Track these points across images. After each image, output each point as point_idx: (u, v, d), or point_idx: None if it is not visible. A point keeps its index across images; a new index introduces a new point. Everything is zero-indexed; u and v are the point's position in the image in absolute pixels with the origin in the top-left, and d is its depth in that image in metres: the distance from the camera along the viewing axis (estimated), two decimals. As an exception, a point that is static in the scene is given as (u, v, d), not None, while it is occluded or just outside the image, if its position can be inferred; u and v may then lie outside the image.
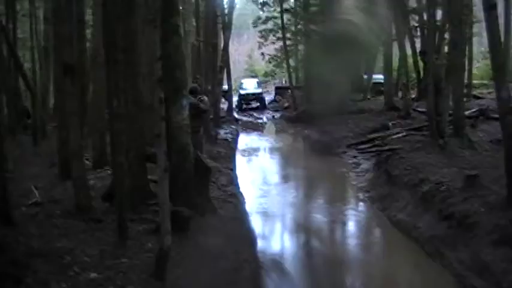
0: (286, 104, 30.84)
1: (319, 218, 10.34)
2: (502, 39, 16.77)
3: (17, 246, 5.11)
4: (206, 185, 8.41)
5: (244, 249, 7.23)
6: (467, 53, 17.15)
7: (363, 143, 15.51)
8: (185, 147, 7.83)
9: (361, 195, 11.57)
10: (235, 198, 10.09)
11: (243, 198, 10.66)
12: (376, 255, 8.59)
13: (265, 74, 41.22)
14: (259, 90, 34.08)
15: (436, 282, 6.85)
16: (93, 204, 7.82)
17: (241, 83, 36.16)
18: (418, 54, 20.40)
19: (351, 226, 10.02)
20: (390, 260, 8.23)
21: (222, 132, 18.69)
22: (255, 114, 30.14)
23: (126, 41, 7.16)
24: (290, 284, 7.00)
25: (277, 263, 7.66)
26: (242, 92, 33.74)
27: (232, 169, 13.71)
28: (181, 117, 7.75)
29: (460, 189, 8.18)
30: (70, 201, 8.01)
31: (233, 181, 12.05)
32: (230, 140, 18.74)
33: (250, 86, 34.87)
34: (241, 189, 11.48)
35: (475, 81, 23.72)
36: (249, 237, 7.95)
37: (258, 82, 36.08)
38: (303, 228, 9.59)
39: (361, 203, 11.21)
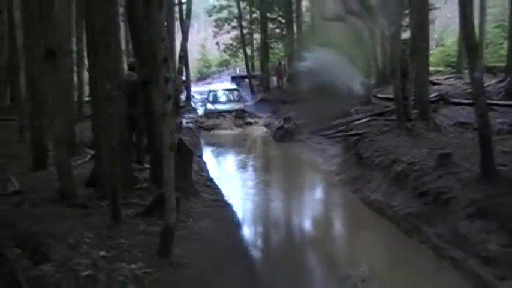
0: (243, 94, 30.98)
1: (292, 202, 10.63)
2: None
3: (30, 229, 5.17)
4: (189, 169, 8.52)
5: (233, 230, 7.40)
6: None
7: (327, 129, 15.76)
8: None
9: (331, 179, 11.87)
10: (212, 183, 10.23)
11: (217, 184, 10.76)
12: (352, 235, 8.89)
13: (220, 64, 41.24)
14: (239, 106, 23.34)
15: (415, 256, 7.17)
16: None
17: (212, 92, 25.13)
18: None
19: (324, 208, 10.32)
20: (367, 238, 8.52)
21: (184, 121, 18.70)
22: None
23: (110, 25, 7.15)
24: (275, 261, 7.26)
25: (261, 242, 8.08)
26: (212, 106, 23.37)
27: (200, 156, 13.81)
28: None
29: (433, 168, 8.49)
30: (51, 188, 7.99)
31: (204, 168, 12.17)
32: (193, 128, 18.83)
33: (225, 96, 24.69)
34: (213, 176, 11.59)
35: (430, 68, 24.44)
36: (233, 219, 8.11)
37: (237, 90, 25.75)
38: (277, 212, 9.82)
39: (332, 186, 11.50)
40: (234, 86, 26.70)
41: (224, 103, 23.59)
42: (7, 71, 19.04)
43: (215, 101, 23.90)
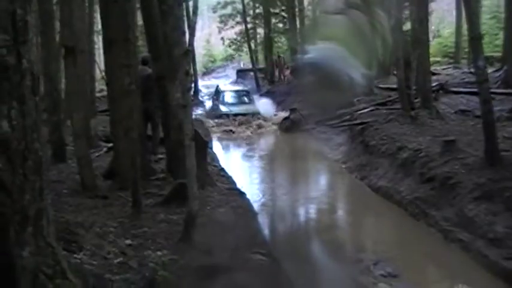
0: (248, 86, 31.15)
1: (303, 189, 10.91)
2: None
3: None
4: (204, 159, 8.71)
5: (249, 217, 7.66)
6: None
7: (332, 119, 15.92)
8: (184, 123, 8.10)
9: (338, 167, 12.15)
10: (225, 173, 10.49)
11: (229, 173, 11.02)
12: (362, 220, 9.19)
13: (225, 58, 41.64)
14: (254, 109, 21.20)
15: (425, 239, 7.49)
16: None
17: (219, 92, 23.10)
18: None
19: (333, 195, 10.61)
20: (377, 222, 8.82)
21: (193, 113, 18.87)
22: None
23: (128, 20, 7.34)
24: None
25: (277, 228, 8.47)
26: (224, 109, 21.15)
27: (211, 147, 14.04)
28: (179, 94, 8.00)
29: (438, 154, 8.79)
30: (72, 181, 8.26)
31: (215, 158, 12.43)
32: (202, 120, 19.06)
33: (235, 100, 22.41)
34: (224, 166, 11.84)
35: (429, 59, 24.73)
36: (248, 206, 8.36)
37: (247, 92, 23.63)
38: (289, 199, 10.12)
39: (339, 174, 11.80)
40: (243, 88, 25.04)
41: (237, 105, 21.76)
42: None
43: (227, 102, 22.02)
